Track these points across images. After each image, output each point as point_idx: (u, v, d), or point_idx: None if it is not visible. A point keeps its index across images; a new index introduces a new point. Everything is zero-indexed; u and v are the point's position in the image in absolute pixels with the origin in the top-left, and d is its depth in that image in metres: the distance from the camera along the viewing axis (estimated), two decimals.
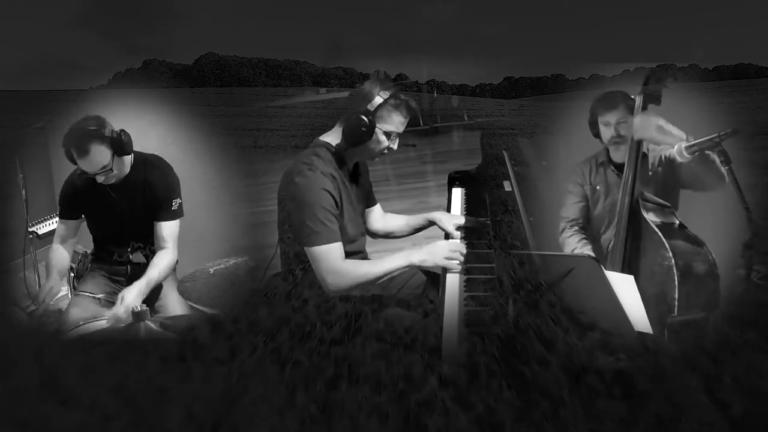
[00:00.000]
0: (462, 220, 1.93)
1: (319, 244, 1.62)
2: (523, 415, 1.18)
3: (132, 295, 1.80)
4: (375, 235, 2.03)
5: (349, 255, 1.68)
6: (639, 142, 1.85)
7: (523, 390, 1.24)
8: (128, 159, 1.97)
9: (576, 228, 2.09)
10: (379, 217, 2.04)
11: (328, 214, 1.63)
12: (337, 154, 1.74)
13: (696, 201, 1.95)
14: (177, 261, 2.02)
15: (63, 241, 2.07)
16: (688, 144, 1.73)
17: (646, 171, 1.93)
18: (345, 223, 1.72)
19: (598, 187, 2.05)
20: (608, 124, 1.97)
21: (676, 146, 1.76)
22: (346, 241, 1.70)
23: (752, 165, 1.93)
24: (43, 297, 1.92)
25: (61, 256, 2.05)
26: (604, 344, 1.39)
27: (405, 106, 1.72)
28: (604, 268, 1.80)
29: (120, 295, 1.80)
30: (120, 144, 1.86)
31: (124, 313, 1.74)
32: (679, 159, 1.77)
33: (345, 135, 1.70)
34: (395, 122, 1.71)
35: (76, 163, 1.88)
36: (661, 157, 1.92)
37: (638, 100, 1.86)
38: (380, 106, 1.68)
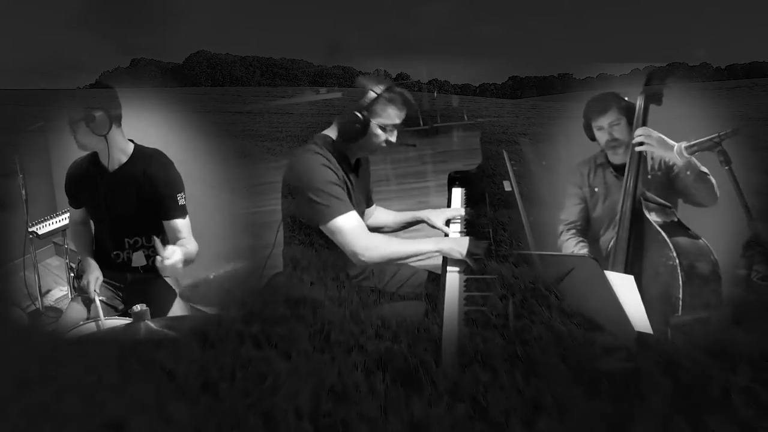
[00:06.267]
0: (450, 213, 1.97)
1: (334, 217, 1.63)
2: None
3: (180, 251, 1.69)
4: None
5: None
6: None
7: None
8: (128, 146, 1.95)
9: (573, 231, 2.08)
10: (370, 213, 2.07)
11: (335, 187, 1.65)
12: (338, 149, 1.75)
13: None
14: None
15: (80, 222, 2.07)
16: (688, 144, 1.74)
17: (645, 174, 1.93)
18: None
19: (596, 189, 2.04)
20: (602, 128, 1.96)
21: (676, 146, 1.77)
22: None
23: (753, 165, 1.93)
24: (93, 287, 1.87)
25: (83, 234, 2.06)
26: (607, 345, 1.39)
27: (400, 98, 1.73)
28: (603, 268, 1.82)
29: (168, 247, 1.67)
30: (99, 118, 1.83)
31: (176, 259, 1.64)
32: (679, 159, 1.77)
33: (340, 132, 1.73)
34: (390, 115, 1.73)
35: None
36: (660, 161, 1.92)
37: (640, 100, 1.85)
38: (374, 100, 1.69)
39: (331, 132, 1.79)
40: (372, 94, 1.69)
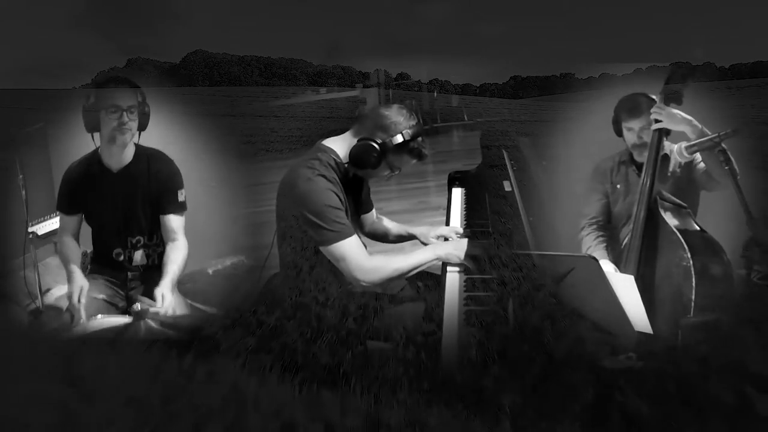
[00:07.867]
0: (445, 231, 1.95)
1: (338, 241, 1.62)
2: None
3: (170, 291, 1.83)
4: (365, 235, 2.03)
5: None
6: (659, 144, 1.84)
7: None
8: (131, 147, 1.96)
9: (595, 227, 2.10)
10: (370, 221, 2.05)
11: (338, 212, 1.63)
12: (342, 168, 1.72)
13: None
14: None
15: (70, 233, 2.07)
16: (688, 144, 1.74)
17: (666, 172, 1.93)
18: None
19: (618, 186, 2.06)
20: (631, 130, 1.97)
21: (676, 146, 1.77)
22: None
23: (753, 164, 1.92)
24: (77, 297, 1.86)
25: (72, 247, 2.06)
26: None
27: (419, 151, 1.72)
28: (618, 265, 1.82)
29: (159, 293, 1.80)
30: (144, 111, 1.92)
31: (170, 307, 1.79)
32: (678, 158, 1.77)
33: (351, 157, 1.69)
34: (405, 162, 1.74)
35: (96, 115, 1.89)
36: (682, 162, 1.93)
37: (659, 99, 1.86)
38: (399, 146, 1.68)
39: (337, 144, 1.74)
40: (399, 138, 1.67)
